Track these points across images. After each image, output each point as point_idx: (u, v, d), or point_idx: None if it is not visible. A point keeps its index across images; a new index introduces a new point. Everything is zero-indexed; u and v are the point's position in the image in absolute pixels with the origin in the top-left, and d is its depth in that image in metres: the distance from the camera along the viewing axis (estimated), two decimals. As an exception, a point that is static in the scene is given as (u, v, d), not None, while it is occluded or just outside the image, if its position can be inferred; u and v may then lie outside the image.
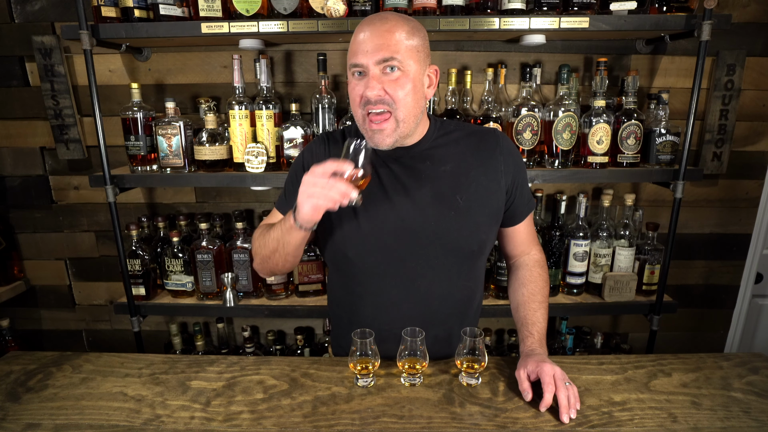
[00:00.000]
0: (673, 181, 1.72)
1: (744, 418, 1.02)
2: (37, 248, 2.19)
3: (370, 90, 1.04)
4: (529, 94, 1.79)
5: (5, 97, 2.00)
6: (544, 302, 1.24)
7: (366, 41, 1.03)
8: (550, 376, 1.04)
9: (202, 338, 2.01)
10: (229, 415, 1.04)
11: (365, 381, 1.13)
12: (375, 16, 1.07)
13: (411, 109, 1.08)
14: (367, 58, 1.03)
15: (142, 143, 1.77)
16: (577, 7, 1.60)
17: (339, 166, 0.99)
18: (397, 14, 1.08)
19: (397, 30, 1.03)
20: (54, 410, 1.07)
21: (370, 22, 1.06)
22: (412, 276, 1.17)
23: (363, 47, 1.04)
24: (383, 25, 1.03)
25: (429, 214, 1.14)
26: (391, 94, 1.05)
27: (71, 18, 1.86)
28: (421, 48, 1.08)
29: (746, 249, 2.19)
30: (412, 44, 1.05)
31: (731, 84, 1.93)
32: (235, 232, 1.89)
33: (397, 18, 1.06)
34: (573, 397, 1.02)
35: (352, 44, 1.07)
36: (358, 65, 1.06)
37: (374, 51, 1.02)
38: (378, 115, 1.06)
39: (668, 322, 2.22)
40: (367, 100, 1.05)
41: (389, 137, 1.08)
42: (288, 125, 1.73)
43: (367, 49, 1.03)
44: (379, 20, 1.05)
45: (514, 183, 1.20)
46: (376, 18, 1.06)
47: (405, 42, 1.04)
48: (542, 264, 1.31)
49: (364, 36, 1.04)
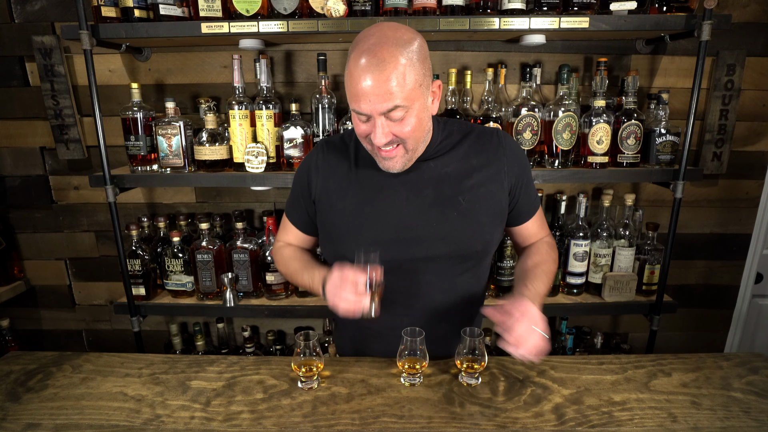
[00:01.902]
0: (673, 181, 1.72)
1: (744, 418, 1.02)
2: (37, 248, 2.19)
3: (377, 139, 1.02)
4: (529, 94, 1.79)
5: (5, 97, 2.00)
6: (548, 273, 1.20)
7: (367, 91, 0.98)
8: (521, 312, 1.01)
9: (202, 338, 2.01)
10: (229, 415, 1.04)
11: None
12: (371, 57, 0.97)
13: (419, 137, 1.08)
14: (370, 108, 1.00)
15: (142, 143, 1.77)
16: (577, 7, 1.60)
17: (356, 278, 1.04)
18: (393, 43, 0.98)
19: (397, 73, 0.96)
20: (54, 410, 1.07)
21: (368, 67, 0.97)
22: (415, 276, 1.17)
23: (365, 96, 0.99)
24: (382, 73, 0.96)
25: (431, 216, 1.14)
26: (398, 134, 1.03)
27: (71, 18, 1.86)
28: (422, 76, 1.01)
29: (746, 249, 2.19)
30: (413, 79, 0.99)
31: (731, 84, 1.93)
32: (235, 232, 1.89)
33: (393, 54, 0.97)
34: (531, 343, 0.99)
35: (352, 86, 1.00)
36: (361, 114, 1.03)
37: (377, 101, 0.98)
38: (387, 151, 1.07)
39: (668, 322, 2.22)
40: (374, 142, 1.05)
41: (399, 163, 1.10)
42: (288, 125, 1.73)
43: (370, 98, 0.99)
44: (377, 66, 0.96)
45: (518, 182, 1.19)
46: (372, 61, 0.96)
47: (407, 83, 0.98)
48: (552, 246, 1.30)
49: (365, 85, 0.97)
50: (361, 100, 1.00)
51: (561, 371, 1.19)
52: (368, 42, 0.99)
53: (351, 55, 1.01)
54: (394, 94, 0.98)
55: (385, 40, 0.98)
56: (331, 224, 1.20)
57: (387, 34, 0.99)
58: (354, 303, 1.04)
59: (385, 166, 1.11)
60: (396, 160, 1.08)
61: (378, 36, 0.99)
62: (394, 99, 0.98)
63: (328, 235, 1.22)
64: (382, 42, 0.98)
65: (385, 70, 0.96)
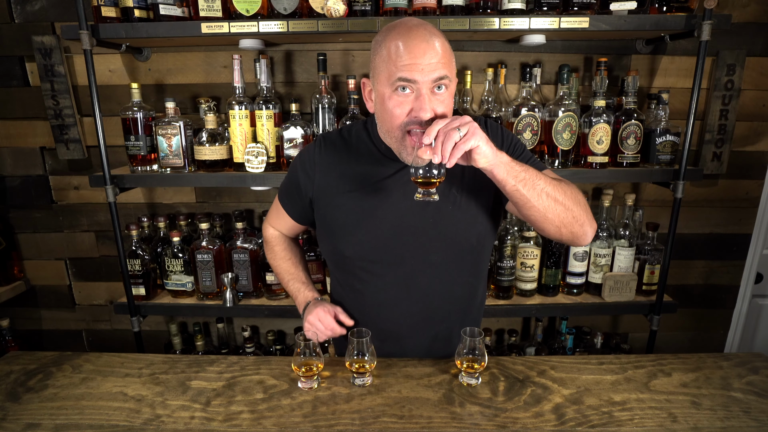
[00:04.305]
0: (673, 181, 1.72)
1: (744, 418, 1.02)
2: (37, 248, 2.19)
3: (424, 112, 0.98)
4: (529, 94, 1.78)
5: (5, 97, 2.00)
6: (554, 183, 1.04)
7: (419, 60, 0.96)
8: None
9: (202, 338, 2.01)
10: (229, 415, 1.04)
11: (362, 380, 1.13)
12: (419, 30, 0.98)
13: None
14: (422, 75, 0.97)
15: (142, 143, 1.77)
16: (577, 7, 1.60)
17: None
18: (430, 25, 1.02)
19: (443, 44, 0.99)
20: (54, 410, 1.07)
21: (418, 38, 0.97)
22: (412, 273, 1.17)
23: (415, 65, 0.96)
24: (432, 42, 0.97)
25: (427, 210, 1.14)
26: (437, 111, 1.01)
27: (71, 18, 1.85)
28: (454, 58, 1.04)
29: (746, 249, 2.19)
30: (452, 56, 1.02)
31: (731, 84, 1.93)
32: (235, 232, 1.89)
33: (435, 31, 1.00)
34: (447, 138, 0.91)
35: (399, 58, 0.97)
36: (409, 80, 0.98)
37: (429, 69, 0.97)
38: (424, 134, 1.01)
39: (668, 322, 2.22)
40: (416, 119, 1.00)
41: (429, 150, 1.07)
42: (288, 125, 1.73)
43: (422, 66, 0.96)
44: (427, 37, 0.97)
45: None
46: (421, 33, 0.98)
47: (450, 56, 1.00)
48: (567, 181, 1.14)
49: (418, 52, 0.96)
50: (413, 69, 0.97)
51: (561, 371, 1.19)
52: (407, 24, 1.01)
53: (386, 39, 1.01)
54: (443, 63, 0.99)
55: (422, 22, 1.02)
56: (329, 220, 1.20)
57: (420, 20, 1.03)
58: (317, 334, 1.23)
59: (416, 155, 1.02)
60: None
61: (413, 20, 1.03)
62: (444, 68, 0.99)
63: (326, 231, 1.22)
64: (420, 23, 1.01)
65: (435, 41, 0.99)
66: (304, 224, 1.34)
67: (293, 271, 1.38)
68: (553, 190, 1.02)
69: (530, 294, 1.92)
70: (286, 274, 1.38)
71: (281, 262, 1.40)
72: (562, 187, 1.05)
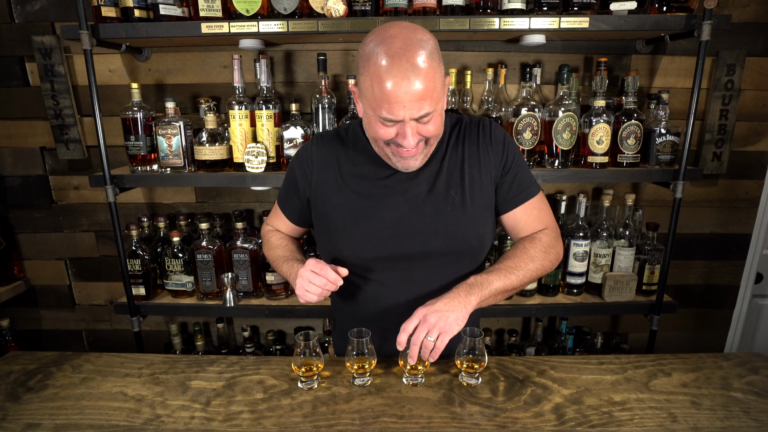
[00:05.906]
0: (673, 181, 1.72)
1: (744, 418, 1.02)
2: (37, 248, 2.19)
3: (409, 142, 1.00)
4: (529, 94, 1.79)
5: (5, 97, 2.00)
6: (517, 269, 1.13)
7: (402, 98, 0.95)
8: (419, 315, 1.03)
9: (202, 338, 2.01)
10: (229, 415, 1.04)
11: (362, 380, 1.13)
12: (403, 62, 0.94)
13: (440, 134, 1.09)
14: (405, 114, 0.97)
15: (142, 143, 1.77)
16: (577, 7, 1.60)
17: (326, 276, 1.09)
18: (419, 46, 0.96)
19: (429, 79, 0.95)
20: (54, 410, 1.07)
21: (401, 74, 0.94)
22: (411, 274, 1.17)
23: (398, 103, 0.96)
24: (416, 80, 0.94)
25: (426, 211, 1.14)
26: (424, 134, 1.03)
27: (71, 18, 1.86)
28: (442, 76, 1.01)
29: (746, 249, 2.19)
30: (439, 82, 0.99)
31: (731, 84, 1.93)
32: (235, 232, 1.89)
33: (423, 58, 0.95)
34: (428, 350, 1.01)
35: (383, 93, 0.96)
36: (392, 120, 0.98)
37: (412, 108, 0.96)
38: (410, 151, 1.05)
39: (668, 322, 2.22)
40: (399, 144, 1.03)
41: (419, 160, 1.10)
42: (288, 125, 1.73)
43: (404, 105, 0.96)
44: (411, 73, 0.94)
45: (504, 168, 1.18)
46: (405, 66, 0.94)
47: (436, 87, 0.98)
48: (549, 234, 1.21)
49: (400, 92, 0.94)
50: (394, 107, 0.96)
51: (561, 371, 1.19)
52: (393, 45, 0.95)
53: (374, 58, 0.96)
54: (427, 100, 0.97)
55: (411, 43, 0.95)
56: (327, 219, 1.20)
57: (410, 37, 0.96)
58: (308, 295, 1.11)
59: (404, 165, 1.09)
60: (416, 157, 1.08)
61: (402, 39, 0.96)
62: (428, 104, 0.97)
63: (323, 230, 1.22)
64: (408, 46, 0.95)
65: (419, 77, 0.94)
66: (304, 226, 1.34)
67: (288, 255, 1.28)
68: (525, 273, 1.13)
69: (530, 294, 1.92)
70: (281, 259, 1.29)
71: (276, 250, 1.32)
72: (532, 254, 1.15)
